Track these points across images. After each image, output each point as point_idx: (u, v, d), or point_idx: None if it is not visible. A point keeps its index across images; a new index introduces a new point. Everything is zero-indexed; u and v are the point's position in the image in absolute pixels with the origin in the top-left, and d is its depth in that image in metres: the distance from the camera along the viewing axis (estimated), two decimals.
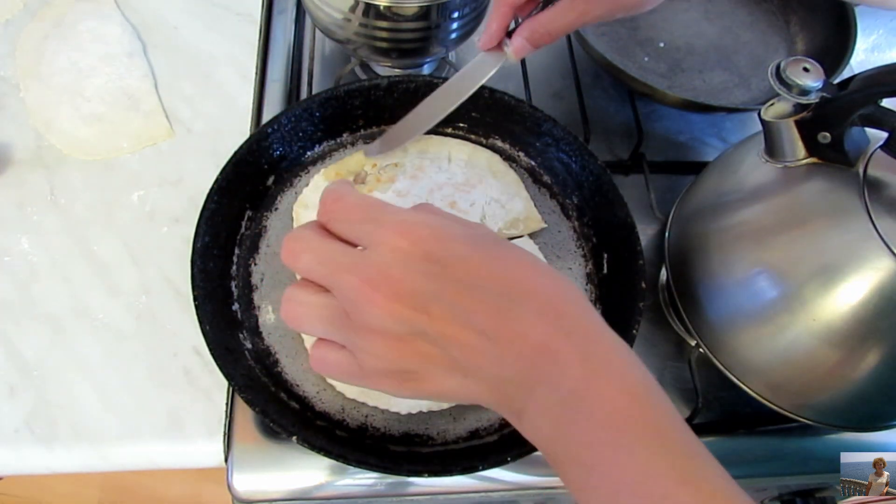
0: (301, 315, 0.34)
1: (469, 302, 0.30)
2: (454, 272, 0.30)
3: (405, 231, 0.31)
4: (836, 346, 0.44)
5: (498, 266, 0.31)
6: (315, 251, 0.33)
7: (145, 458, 0.50)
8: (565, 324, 0.30)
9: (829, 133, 0.45)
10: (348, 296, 0.31)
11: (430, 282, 0.30)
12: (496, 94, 0.60)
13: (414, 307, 0.30)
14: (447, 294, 0.30)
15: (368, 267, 0.31)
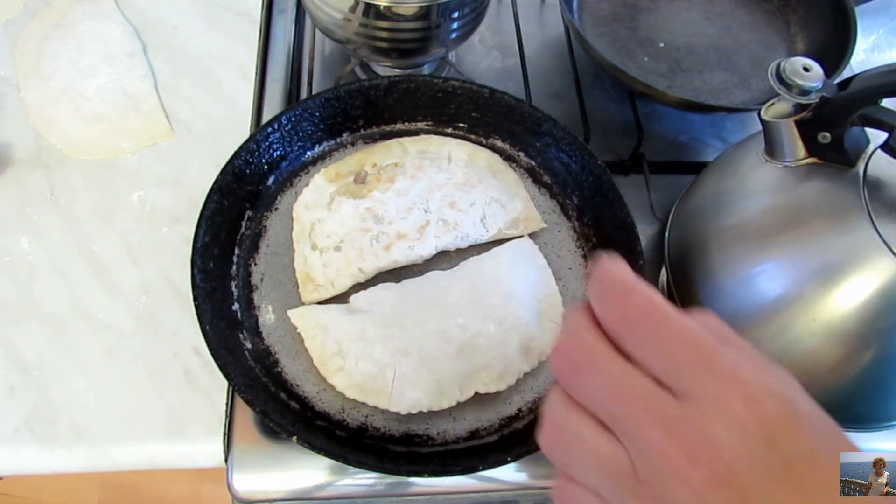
0: (572, 450, 0.26)
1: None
2: (796, 472, 0.23)
3: (751, 398, 0.23)
4: (835, 346, 0.44)
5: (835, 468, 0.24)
6: (613, 378, 0.25)
7: (145, 458, 0.50)
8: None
9: (829, 133, 0.45)
10: (649, 456, 0.24)
11: (765, 475, 0.23)
12: (496, 93, 0.60)
13: (730, 489, 0.23)
14: (779, 496, 0.23)
15: (690, 429, 0.23)
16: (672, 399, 0.24)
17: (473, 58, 0.75)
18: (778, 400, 0.24)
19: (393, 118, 0.62)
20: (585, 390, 0.26)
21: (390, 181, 0.57)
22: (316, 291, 0.53)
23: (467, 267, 0.54)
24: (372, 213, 0.56)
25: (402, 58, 0.65)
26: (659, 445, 0.23)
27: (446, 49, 0.65)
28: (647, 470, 0.24)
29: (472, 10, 0.61)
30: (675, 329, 0.25)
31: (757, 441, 0.23)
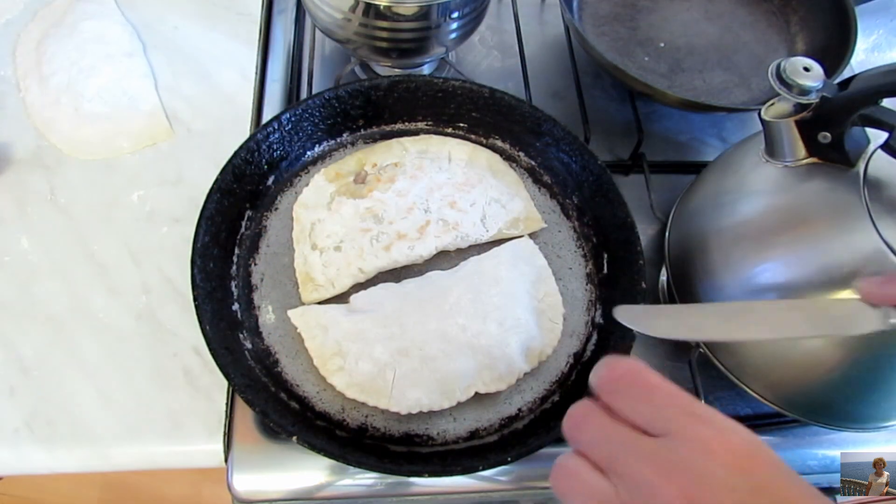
0: (574, 490, 0.30)
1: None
2: (764, 495, 0.26)
3: (722, 433, 0.28)
4: (836, 347, 0.44)
5: None
6: (603, 428, 0.30)
7: (145, 458, 0.50)
8: None
9: (830, 133, 0.45)
10: (633, 486, 0.28)
11: (734, 498, 0.26)
12: (496, 93, 0.60)
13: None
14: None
15: (667, 460, 0.27)
16: (652, 439, 0.29)
17: (473, 58, 0.75)
18: (745, 438, 0.28)
19: (393, 118, 0.62)
20: (584, 439, 0.31)
21: (390, 181, 0.57)
22: (316, 291, 0.53)
23: (467, 267, 0.54)
24: (372, 213, 0.56)
25: (402, 58, 0.65)
26: (642, 474, 0.27)
27: (446, 49, 0.65)
28: (633, 498, 0.28)
29: (472, 10, 0.61)
30: (657, 384, 0.30)
31: (727, 468, 0.27)
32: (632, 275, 0.53)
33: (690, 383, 0.54)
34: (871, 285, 0.35)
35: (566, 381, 0.52)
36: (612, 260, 0.56)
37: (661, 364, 0.58)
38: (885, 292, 0.35)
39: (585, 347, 0.54)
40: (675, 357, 0.58)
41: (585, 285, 0.56)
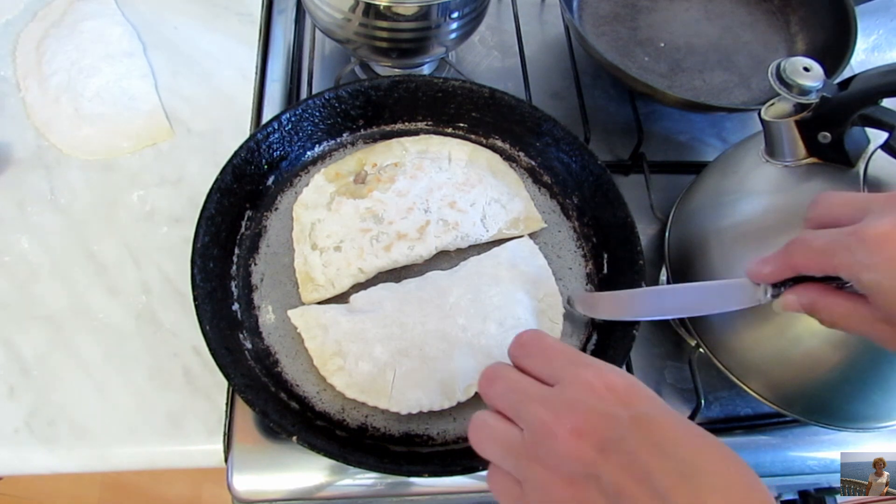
0: (483, 437, 0.34)
1: (651, 459, 0.29)
2: (642, 426, 0.30)
3: (602, 374, 0.32)
4: (836, 346, 0.44)
5: (686, 434, 0.30)
6: (508, 381, 0.35)
7: (145, 458, 0.50)
8: None
9: (830, 133, 0.45)
10: (531, 425, 0.32)
11: (617, 427, 0.30)
12: (496, 93, 0.60)
13: (593, 447, 0.30)
14: (631, 444, 0.29)
15: (557, 401, 0.32)
16: (548, 387, 0.34)
17: (473, 58, 0.75)
18: (624, 376, 0.33)
19: (393, 118, 0.62)
20: (494, 393, 0.35)
21: (390, 181, 0.57)
22: (316, 291, 0.53)
23: (467, 267, 0.54)
24: (372, 213, 0.56)
25: (402, 58, 0.65)
26: (536, 414, 0.32)
27: (446, 49, 0.65)
28: (530, 437, 0.32)
29: (472, 10, 0.61)
30: (551, 345, 0.36)
31: (608, 401, 0.31)
32: (632, 275, 0.53)
33: (690, 383, 0.54)
34: (753, 264, 0.40)
35: None
36: (612, 260, 0.56)
37: (662, 364, 0.58)
38: (762, 271, 0.40)
39: (585, 347, 0.54)
40: (675, 357, 0.58)
41: (585, 285, 0.56)
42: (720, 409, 0.56)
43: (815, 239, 0.37)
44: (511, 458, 0.33)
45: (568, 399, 0.32)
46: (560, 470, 0.30)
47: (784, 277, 0.39)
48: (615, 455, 0.29)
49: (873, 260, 0.33)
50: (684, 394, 0.56)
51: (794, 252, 0.38)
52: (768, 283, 0.40)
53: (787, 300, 0.39)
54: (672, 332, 0.59)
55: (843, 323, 0.37)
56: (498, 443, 0.34)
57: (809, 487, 0.57)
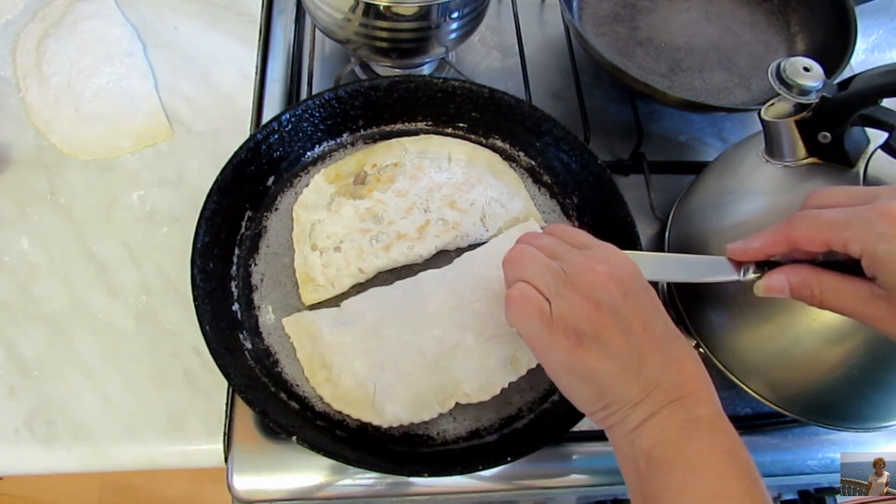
0: (526, 257, 0.40)
1: (652, 315, 0.39)
2: (651, 295, 0.40)
3: (621, 256, 0.41)
4: (836, 347, 0.44)
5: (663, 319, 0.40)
6: (551, 240, 0.42)
7: (145, 458, 0.50)
8: (707, 383, 0.39)
9: (830, 133, 0.45)
10: (574, 264, 0.39)
11: (634, 284, 0.39)
12: (496, 93, 0.60)
13: (619, 291, 0.38)
14: (641, 300, 0.39)
15: (595, 255, 0.40)
16: (581, 249, 0.42)
17: (473, 58, 0.75)
18: (634, 267, 0.41)
19: (393, 118, 0.62)
20: (540, 242, 0.42)
21: (390, 181, 0.57)
22: (316, 291, 0.53)
23: (458, 265, 0.54)
24: (372, 213, 0.56)
25: (402, 58, 0.65)
26: (578, 258, 0.40)
27: (446, 49, 0.65)
28: (572, 269, 0.39)
29: (471, 10, 0.61)
30: (576, 231, 0.44)
31: (629, 266, 0.40)
32: None
33: None
34: (737, 244, 0.43)
35: None
36: None
37: None
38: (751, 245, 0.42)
39: None
40: None
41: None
42: None
43: (826, 213, 0.38)
44: (548, 277, 0.39)
45: (603, 255, 0.40)
46: (591, 296, 0.38)
47: (776, 252, 0.40)
48: (632, 300, 0.38)
49: (894, 231, 0.34)
50: None
51: (799, 225, 0.38)
52: (752, 262, 0.42)
53: (773, 280, 0.40)
54: None
55: (836, 301, 0.38)
56: (539, 263, 0.40)
57: (809, 487, 0.57)
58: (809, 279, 0.39)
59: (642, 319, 0.38)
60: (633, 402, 0.37)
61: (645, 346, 0.38)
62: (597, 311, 0.37)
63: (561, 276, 0.39)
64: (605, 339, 0.37)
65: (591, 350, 0.37)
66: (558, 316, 0.38)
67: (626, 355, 0.37)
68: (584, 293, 0.38)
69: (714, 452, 0.36)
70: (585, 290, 0.38)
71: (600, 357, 0.37)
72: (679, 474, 0.36)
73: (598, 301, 0.38)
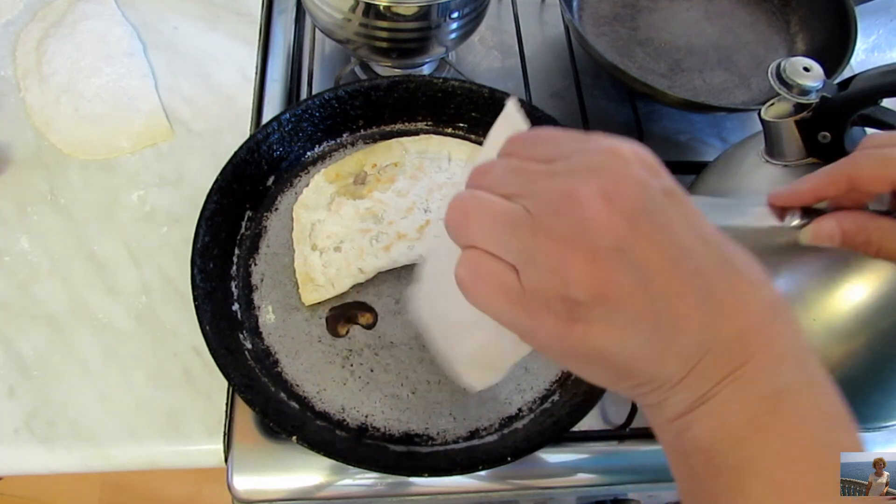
0: (470, 210, 0.27)
1: (690, 238, 0.25)
2: (675, 200, 0.25)
3: (624, 141, 0.26)
4: (836, 346, 0.44)
5: (717, 232, 0.26)
6: (507, 166, 0.27)
7: (145, 459, 0.50)
8: (781, 322, 0.26)
9: (830, 133, 0.45)
10: (543, 197, 0.25)
11: (651, 196, 0.25)
12: (496, 93, 0.60)
13: (624, 216, 0.24)
14: (667, 216, 0.25)
15: (576, 168, 0.25)
16: (563, 163, 0.26)
17: (473, 58, 0.75)
18: (649, 151, 0.27)
19: (393, 118, 0.62)
20: (489, 178, 0.27)
21: (390, 181, 0.57)
22: (316, 291, 0.53)
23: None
24: (372, 213, 0.56)
25: (402, 58, 0.65)
26: (552, 185, 0.25)
27: (446, 49, 0.65)
28: (542, 207, 0.25)
29: (472, 10, 0.61)
30: (549, 136, 0.28)
31: (636, 166, 0.25)
32: None
33: None
34: (780, 189, 0.37)
35: (566, 381, 0.52)
36: None
37: None
38: (801, 188, 0.36)
39: None
40: None
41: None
42: None
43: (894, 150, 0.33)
44: (506, 234, 0.26)
45: (590, 164, 0.25)
46: (580, 243, 0.24)
47: (831, 194, 0.35)
48: (649, 228, 0.24)
49: None
50: None
51: (863, 163, 0.34)
52: (798, 208, 0.37)
53: (823, 226, 0.35)
54: None
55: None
56: (493, 215, 0.26)
57: None
58: (867, 224, 0.34)
59: (669, 250, 0.24)
60: (673, 381, 0.26)
61: (678, 293, 0.24)
62: (592, 265, 0.24)
63: (524, 223, 0.25)
64: (612, 301, 0.24)
65: (593, 324, 0.25)
66: (531, 287, 0.25)
67: (651, 317, 0.25)
68: (568, 241, 0.24)
69: (804, 455, 0.25)
70: (570, 234, 0.24)
71: (610, 331, 0.25)
72: (755, 493, 0.25)
73: (592, 249, 0.24)
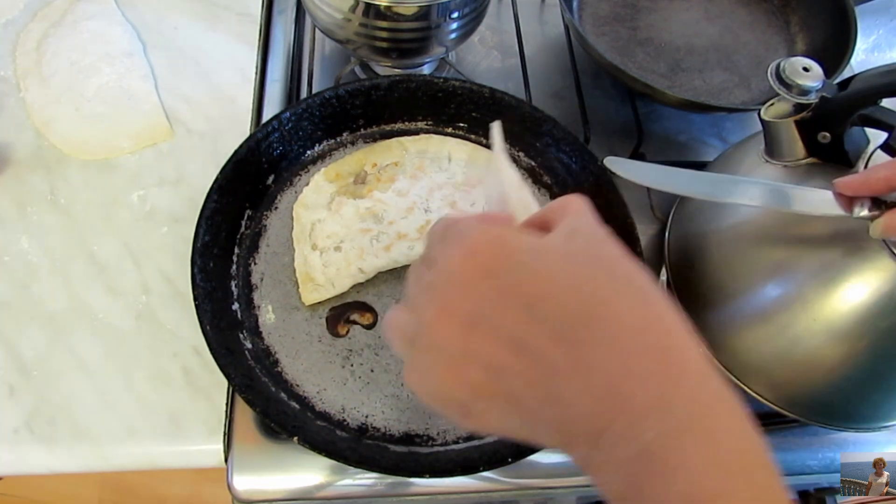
0: (384, 327, 0.32)
1: (526, 322, 0.25)
2: (509, 289, 0.26)
3: (463, 241, 0.28)
4: (836, 346, 0.44)
5: (571, 281, 0.26)
6: (412, 272, 0.33)
7: (145, 459, 0.50)
8: (647, 361, 0.25)
9: (829, 133, 0.45)
10: (415, 311, 0.29)
11: (479, 298, 0.26)
12: (496, 93, 0.60)
13: (461, 326, 0.26)
14: (500, 312, 0.26)
15: (427, 286, 0.29)
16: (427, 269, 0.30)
17: (473, 58, 0.75)
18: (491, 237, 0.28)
19: (393, 118, 0.62)
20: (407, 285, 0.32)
21: (390, 181, 0.57)
22: (316, 291, 0.53)
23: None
24: (372, 213, 0.56)
25: (402, 58, 0.65)
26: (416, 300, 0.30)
27: (446, 49, 0.65)
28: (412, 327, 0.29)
29: (472, 10, 0.61)
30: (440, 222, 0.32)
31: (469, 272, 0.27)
32: None
33: None
34: (848, 178, 0.37)
35: None
36: None
37: None
38: (876, 175, 0.36)
39: None
40: None
41: None
42: None
43: None
44: (406, 347, 0.30)
45: (432, 282, 0.28)
46: (439, 356, 0.27)
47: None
48: (485, 327, 0.26)
49: None
50: None
51: None
52: (867, 198, 0.37)
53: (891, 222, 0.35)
54: None
55: None
56: (397, 332, 0.31)
57: (809, 487, 0.57)
58: None
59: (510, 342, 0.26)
60: (562, 446, 0.27)
61: (529, 376, 0.25)
62: (451, 371, 0.27)
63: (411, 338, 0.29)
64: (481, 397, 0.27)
65: (478, 417, 0.27)
66: (427, 393, 0.29)
67: (519, 400, 0.26)
68: (431, 355, 0.27)
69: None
70: (425, 344, 0.28)
71: (491, 419, 0.27)
72: None
73: (449, 359, 0.27)
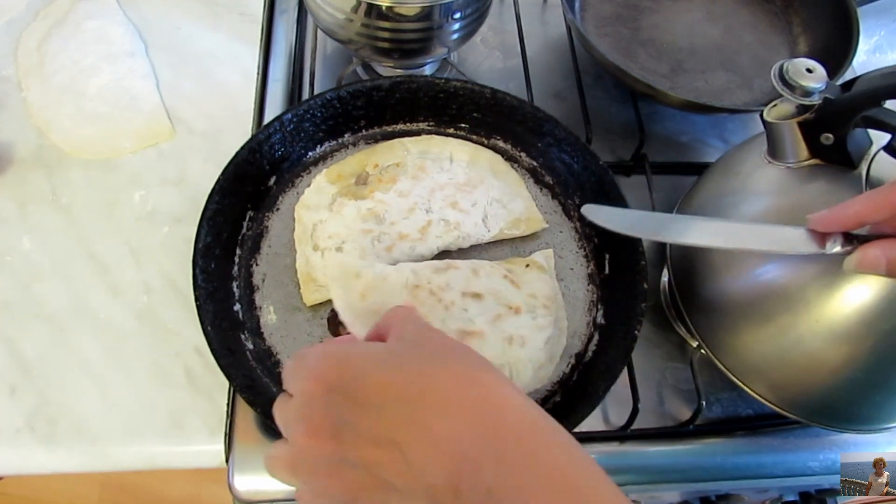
0: (268, 468, 0.34)
1: (374, 419, 0.30)
2: (355, 395, 0.31)
3: (308, 371, 0.33)
4: (838, 348, 0.44)
5: (397, 376, 0.31)
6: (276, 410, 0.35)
7: (146, 458, 0.50)
8: (473, 418, 0.29)
9: (832, 134, 0.45)
10: (288, 440, 0.33)
11: (335, 411, 0.31)
12: (498, 94, 0.60)
13: (326, 438, 0.30)
14: (353, 417, 0.30)
15: (292, 413, 0.33)
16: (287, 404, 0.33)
17: (475, 58, 0.75)
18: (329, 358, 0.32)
19: (394, 118, 0.62)
20: None
21: (392, 182, 0.57)
22: (317, 292, 0.53)
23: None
24: (374, 213, 0.55)
25: (403, 58, 0.65)
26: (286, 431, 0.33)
27: (448, 49, 0.65)
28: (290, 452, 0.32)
29: (474, 11, 0.61)
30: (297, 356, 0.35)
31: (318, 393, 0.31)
32: (633, 275, 0.52)
33: (692, 384, 0.54)
34: (821, 213, 0.38)
35: (568, 382, 0.52)
36: (614, 261, 0.56)
37: (663, 365, 0.58)
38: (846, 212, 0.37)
39: (587, 348, 0.54)
40: (677, 358, 0.58)
41: (587, 286, 0.56)
42: (721, 410, 0.56)
43: None
44: (291, 475, 0.33)
45: (296, 411, 0.32)
46: (318, 470, 0.31)
47: (875, 219, 0.36)
48: (346, 433, 0.30)
49: None
50: (685, 395, 0.56)
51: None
52: (839, 233, 0.37)
53: (868, 255, 0.36)
54: (674, 333, 0.59)
55: None
56: (279, 465, 0.34)
57: (810, 489, 0.57)
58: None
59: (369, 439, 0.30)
60: None
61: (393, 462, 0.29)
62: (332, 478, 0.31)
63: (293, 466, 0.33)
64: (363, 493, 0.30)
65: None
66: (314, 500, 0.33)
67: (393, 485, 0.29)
68: (310, 470, 0.32)
69: None
70: (303, 466, 0.32)
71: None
72: None
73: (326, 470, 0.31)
